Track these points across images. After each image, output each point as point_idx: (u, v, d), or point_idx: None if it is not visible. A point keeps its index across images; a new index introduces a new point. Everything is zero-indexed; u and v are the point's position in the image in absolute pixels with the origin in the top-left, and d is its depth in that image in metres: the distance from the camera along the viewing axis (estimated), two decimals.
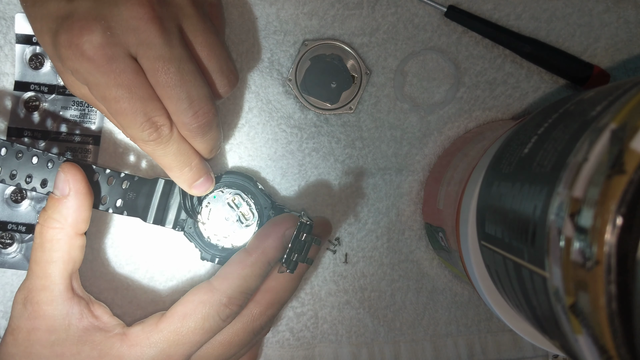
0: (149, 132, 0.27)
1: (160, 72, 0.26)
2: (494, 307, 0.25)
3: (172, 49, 0.26)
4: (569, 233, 0.15)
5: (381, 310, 0.36)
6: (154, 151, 0.28)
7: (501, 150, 0.23)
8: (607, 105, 0.17)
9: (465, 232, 0.25)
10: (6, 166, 0.30)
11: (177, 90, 0.26)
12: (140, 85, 0.26)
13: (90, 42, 0.24)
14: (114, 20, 0.25)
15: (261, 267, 0.29)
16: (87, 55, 0.25)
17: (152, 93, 0.26)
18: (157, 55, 0.25)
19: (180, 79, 0.26)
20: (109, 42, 0.25)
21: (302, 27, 0.35)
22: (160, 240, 0.35)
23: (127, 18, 0.25)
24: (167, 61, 0.26)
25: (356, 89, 0.35)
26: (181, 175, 0.30)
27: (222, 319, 0.29)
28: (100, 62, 0.25)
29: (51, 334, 0.29)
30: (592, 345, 0.15)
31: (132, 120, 0.26)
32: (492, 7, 0.35)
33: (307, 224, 0.29)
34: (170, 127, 0.27)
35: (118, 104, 0.26)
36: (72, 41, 0.24)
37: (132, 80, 0.25)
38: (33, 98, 0.34)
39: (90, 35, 0.24)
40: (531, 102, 0.36)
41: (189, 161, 0.29)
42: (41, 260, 0.29)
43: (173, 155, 0.28)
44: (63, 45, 0.25)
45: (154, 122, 0.27)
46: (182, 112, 0.27)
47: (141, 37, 0.25)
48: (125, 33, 0.25)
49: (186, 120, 0.27)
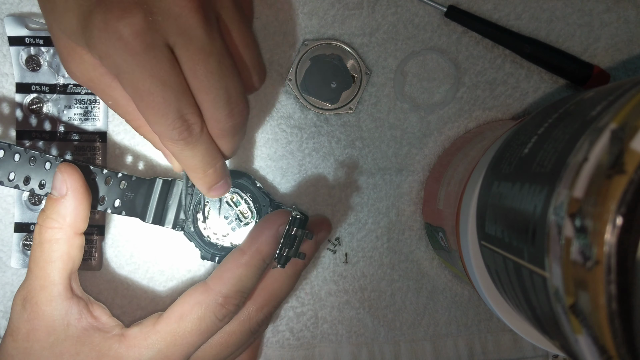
0: (180, 130, 0.25)
1: (200, 65, 0.24)
2: (494, 307, 0.25)
3: (213, 41, 0.24)
4: (569, 233, 0.15)
5: (381, 310, 0.36)
6: (181, 151, 0.26)
7: (501, 150, 0.23)
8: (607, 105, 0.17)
9: (465, 232, 0.25)
10: (4, 168, 0.30)
11: (216, 86, 0.25)
12: (175, 78, 0.24)
13: (130, 26, 0.22)
14: (155, 5, 0.23)
15: (256, 265, 0.29)
16: (124, 39, 0.22)
17: (186, 88, 0.24)
18: (198, 47, 0.24)
19: (220, 74, 0.24)
20: (149, 28, 0.23)
21: (302, 27, 0.35)
22: (160, 240, 0.35)
23: (171, 4, 0.23)
24: (208, 55, 0.24)
25: (356, 89, 0.35)
26: (204, 177, 0.28)
27: (219, 319, 0.29)
28: (137, 49, 0.23)
29: (50, 335, 0.29)
30: (592, 345, 0.15)
31: (164, 116, 0.24)
32: (492, 7, 0.35)
33: (298, 218, 0.29)
34: (202, 126, 0.26)
35: (151, 97, 0.24)
36: (110, 23, 0.22)
37: (168, 72, 0.24)
38: (36, 100, 0.34)
39: (130, 18, 0.22)
40: (531, 102, 0.36)
41: (214, 162, 0.27)
42: (40, 261, 0.29)
43: (200, 156, 0.27)
44: (97, 26, 0.23)
45: (186, 120, 0.25)
46: (217, 110, 0.25)
47: (183, 26, 0.23)
48: (166, 20, 0.23)
49: (221, 119, 0.26)
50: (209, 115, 0.26)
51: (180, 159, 0.27)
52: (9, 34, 0.33)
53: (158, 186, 0.32)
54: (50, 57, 0.34)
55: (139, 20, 0.23)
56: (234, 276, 0.29)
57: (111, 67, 0.24)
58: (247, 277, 0.29)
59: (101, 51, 0.23)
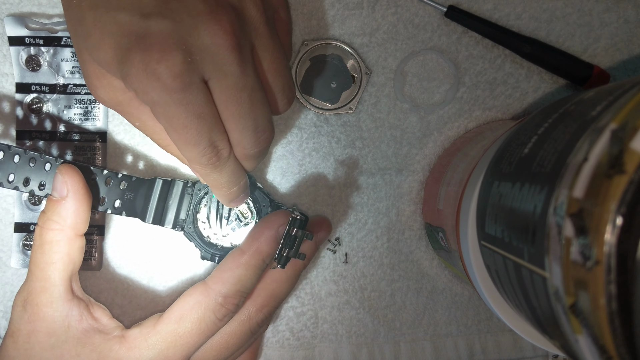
0: (209, 156, 0.26)
1: (232, 100, 0.25)
2: (494, 307, 0.25)
3: (246, 78, 0.25)
4: (569, 233, 0.15)
5: (381, 310, 0.36)
6: (209, 174, 0.27)
7: (501, 150, 0.23)
8: (607, 105, 0.17)
9: (465, 232, 0.25)
10: (3, 170, 0.30)
11: (245, 117, 0.25)
12: (209, 110, 0.24)
13: (169, 69, 0.22)
14: (194, 46, 0.23)
15: (255, 265, 0.29)
16: (163, 80, 0.23)
17: (218, 119, 0.25)
18: (232, 83, 0.24)
19: (250, 108, 0.25)
20: (188, 69, 0.23)
21: (301, 27, 0.35)
22: (160, 240, 0.35)
23: (209, 44, 0.23)
24: (240, 90, 0.24)
25: (356, 89, 0.35)
26: (228, 193, 0.29)
27: (219, 319, 0.29)
28: (175, 89, 0.23)
29: (51, 336, 0.29)
30: (592, 345, 0.15)
31: (195, 146, 0.25)
32: (492, 7, 0.35)
33: (298, 218, 0.29)
34: (229, 151, 0.26)
35: (185, 129, 0.24)
36: (149, 65, 0.22)
37: (203, 107, 0.24)
38: (36, 100, 0.34)
39: (170, 61, 0.22)
40: (531, 102, 0.36)
41: (239, 181, 0.29)
42: (40, 262, 0.29)
43: (227, 177, 0.28)
44: (136, 65, 0.23)
45: (216, 147, 0.25)
46: (245, 138, 0.26)
47: (219, 64, 0.24)
48: (203, 59, 0.23)
49: (247, 145, 0.26)
50: (236, 142, 0.26)
51: (207, 179, 0.28)
52: (9, 34, 0.33)
53: (158, 186, 0.32)
54: (50, 57, 0.34)
55: (178, 62, 0.23)
56: (233, 276, 0.29)
57: (146, 101, 0.24)
58: (246, 277, 0.29)
59: (137, 87, 0.24)
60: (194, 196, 0.33)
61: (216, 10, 0.23)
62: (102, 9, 0.23)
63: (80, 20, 0.24)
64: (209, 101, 0.24)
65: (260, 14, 0.26)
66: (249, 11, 0.25)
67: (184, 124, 0.24)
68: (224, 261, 0.30)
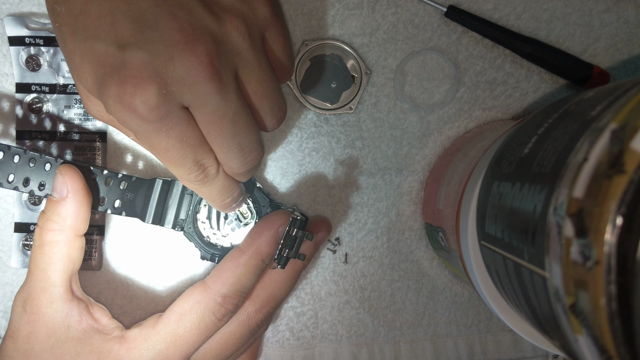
0: (196, 174, 0.26)
1: (214, 126, 0.24)
2: (494, 307, 0.25)
3: (227, 104, 0.24)
4: (569, 233, 0.15)
5: (381, 310, 0.36)
6: (199, 189, 0.27)
7: (501, 150, 0.23)
8: (607, 105, 0.17)
9: (465, 232, 0.25)
10: (3, 170, 0.30)
11: (229, 142, 0.25)
12: (191, 135, 0.24)
13: (144, 102, 0.22)
14: (169, 77, 0.23)
15: (255, 265, 0.29)
16: (139, 112, 0.23)
17: (202, 139, 0.25)
18: (212, 111, 0.24)
19: (233, 132, 0.25)
20: (164, 100, 0.23)
21: (302, 28, 0.35)
22: (160, 240, 0.35)
23: (185, 75, 0.23)
24: (222, 117, 0.24)
25: (356, 89, 0.35)
26: (222, 204, 0.29)
27: (218, 318, 0.29)
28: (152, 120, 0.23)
29: (50, 337, 0.29)
30: (592, 345, 0.15)
31: (181, 166, 0.25)
32: (492, 7, 0.35)
33: (299, 219, 0.29)
34: (217, 168, 0.26)
35: (168, 153, 0.24)
36: (124, 98, 0.22)
37: (184, 131, 0.24)
38: (36, 100, 0.34)
39: (144, 95, 0.22)
40: (531, 102, 0.36)
41: (232, 192, 0.29)
42: (40, 263, 0.29)
43: (217, 191, 0.28)
44: (112, 97, 0.23)
45: (202, 165, 0.26)
46: (230, 160, 0.26)
47: (197, 94, 0.23)
48: (180, 89, 0.23)
49: (235, 166, 0.27)
50: (224, 162, 0.27)
51: (199, 193, 0.28)
52: (9, 34, 0.33)
53: (158, 186, 0.32)
54: (50, 57, 0.34)
55: (152, 95, 0.22)
56: (232, 276, 0.29)
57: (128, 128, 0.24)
58: (246, 277, 0.29)
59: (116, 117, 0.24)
60: (193, 196, 0.33)
61: (192, 40, 0.23)
62: (80, 36, 0.23)
63: (63, 44, 0.25)
64: (190, 125, 0.24)
65: (242, 38, 0.25)
66: (230, 36, 0.24)
67: (166, 148, 0.24)
68: (223, 261, 0.30)
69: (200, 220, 0.33)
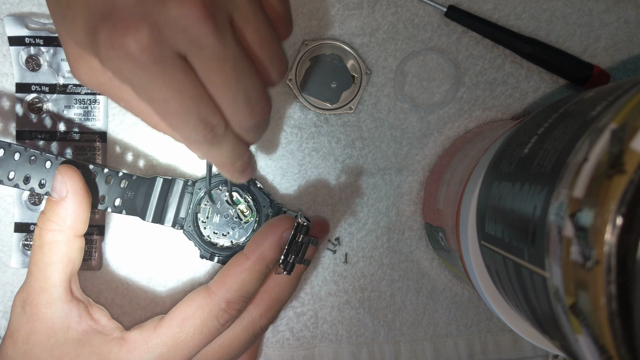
0: (203, 133, 0.25)
1: (215, 72, 0.24)
2: (494, 307, 0.25)
3: (226, 47, 0.23)
4: (569, 233, 0.15)
5: (381, 310, 0.36)
6: (208, 152, 0.26)
7: (501, 150, 0.23)
8: (607, 105, 0.17)
9: (465, 232, 0.25)
10: (3, 167, 0.30)
11: (233, 90, 0.24)
12: (191, 84, 0.24)
13: (136, 42, 0.22)
14: (161, 18, 0.22)
15: (259, 270, 0.29)
16: (132, 56, 0.22)
17: (203, 92, 0.24)
18: (210, 55, 0.23)
19: (236, 79, 0.24)
20: (157, 41, 0.22)
21: (302, 27, 0.35)
22: (160, 239, 0.35)
23: (177, 17, 0.22)
24: (222, 61, 0.23)
25: (356, 89, 0.35)
26: (232, 169, 0.28)
27: (221, 324, 0.29)
28: (147, 63, 0.22)
29: (50, 337, 0.29)
30: (592, 345, 0.15)
31: (184, 121, 0.24)
32: (492, 7, 0.35)
33: (304, 225, 0.29)
34: (225, 126, 0.25)
35: (168, 105, 0.24)
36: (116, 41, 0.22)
37: (182, 80, 0.23)
38: (36, 100, 0.34)
39: (135, 35, 0.22)
40: (531, 102, 0.36)
41: (242, 155, 0.27)
42: (40, 263, 0.29)
43: (228, 153, 0.27)
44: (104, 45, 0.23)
45: (208, 123, 0.25)
46: (238, 112, 0.25)
47: (192, 36, 0.23)
48: (173, 32, 0.23)
49: (243, 119, 0.25)
50: (231, 117, 0.25)
51: (208, 157, 0.27)
52: (9, 34, 0.33)
53: (158, 185, 0.32)
54: (50, 57, 0.34)
55: (144, 35, 0.22)
56: (237, 281, 0.29)
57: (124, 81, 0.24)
58: (250, 282, 0.29)
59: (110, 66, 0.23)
60: (194, 195, 0.33)
61: None
62: None
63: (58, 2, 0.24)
64: (189, 76, 0.24)
65: None
66: None
67: (165, 99, 0.23)
68: (227, 266, 0.30)
69: (200, 219, 0.33)
